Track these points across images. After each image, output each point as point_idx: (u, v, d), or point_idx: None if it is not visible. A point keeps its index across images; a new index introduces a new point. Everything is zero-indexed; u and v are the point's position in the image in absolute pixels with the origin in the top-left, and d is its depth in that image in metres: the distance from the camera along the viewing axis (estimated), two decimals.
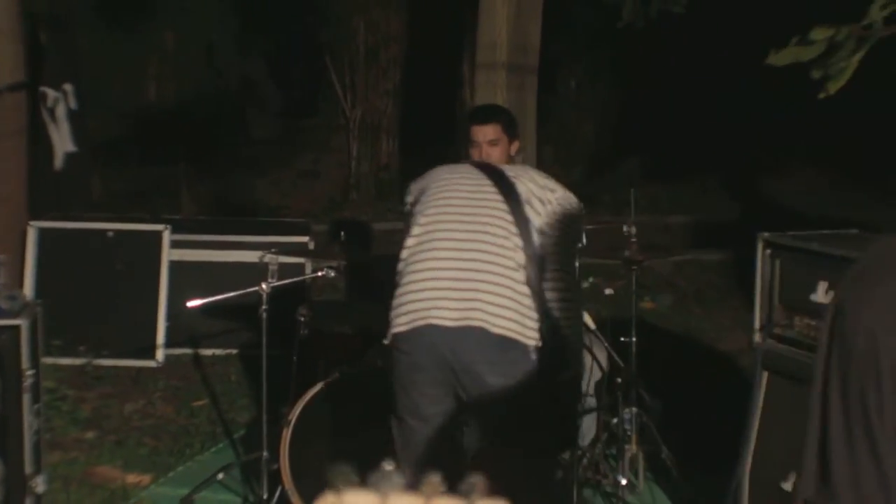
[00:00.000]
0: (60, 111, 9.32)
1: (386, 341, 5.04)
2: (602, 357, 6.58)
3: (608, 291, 7.01)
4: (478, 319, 4.74)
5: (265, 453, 6.09)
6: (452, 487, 1.46)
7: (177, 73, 15.39)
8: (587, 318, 6.51)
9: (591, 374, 6.54)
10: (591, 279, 6.44)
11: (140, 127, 14.32)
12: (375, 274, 7.56)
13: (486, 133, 6.70)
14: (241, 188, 14.63)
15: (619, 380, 6.41)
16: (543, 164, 11.43)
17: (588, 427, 6.55)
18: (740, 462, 5.40)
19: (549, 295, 4.92)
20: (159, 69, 15.33)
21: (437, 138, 13.42)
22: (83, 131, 9.68)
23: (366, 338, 6.32)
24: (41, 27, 9.79)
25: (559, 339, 4.94)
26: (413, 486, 1.48)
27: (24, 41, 9.24)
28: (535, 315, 4.82)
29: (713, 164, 14.88)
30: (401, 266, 4.97)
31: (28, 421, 5.74)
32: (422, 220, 4.97)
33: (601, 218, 6.65)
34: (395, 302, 4.95)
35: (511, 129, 6.77)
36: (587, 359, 6.46)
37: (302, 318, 6.48)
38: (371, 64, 15.24)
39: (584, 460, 6.29)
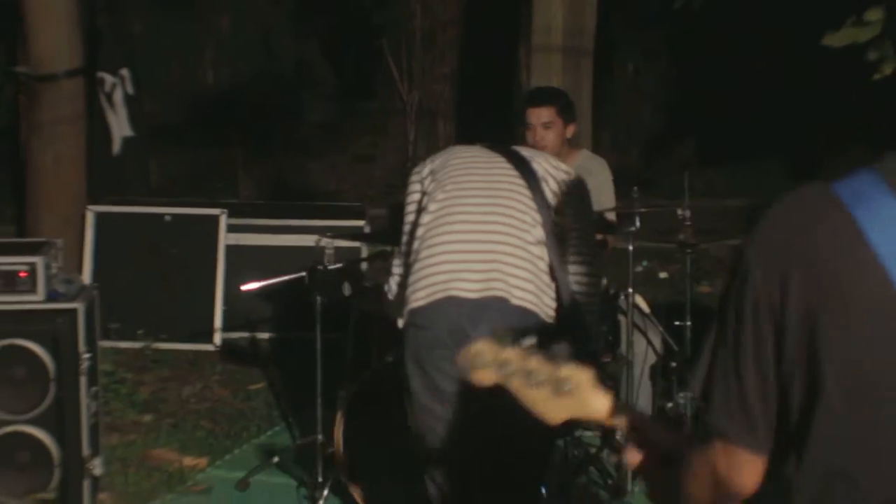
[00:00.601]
0: (118, 96, 9.39)
1: (401, 323, 4.88)
2: (656, 341, 6.55)
3: (663, 275, 6.98)
4: (499, 290, 4.61)
5: (320, 437, 6.12)
6: (472, 474, 2.12)
7: (233, 56, 15.43)
8: (641, 302, 6.48)
9: (646, 359, 6.52)
10: (645, 263, 6.41)
11: (197, 111, 14.36)
12: None
13: (540, 115, 6.72)
14: (297, 172, 14.67)
15: (674, 364, 6.38)
16: (600, 148, 11.40)
17: (642, 411, 6.53)
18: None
19: (570, 276, 4.80)
20: (216, 53, 15.38)
21: (494, 122, 13.39)
22: (140, 116, 9.74)
23: None
24: (98, 13, 9.85)
25: (579, 319, 4.78)
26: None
27: (81, 27, 9.31)
28: (552, 292, 4.70)
29: (771, 147, 14.77)
30: (416, 244, 4.80)
31: (85, 404, 5.80)
32: (439, 195, 4.82)
33: (657, 201, 6.61)
34: (412, 278, 4.79)
35: (566, 112, 6.78)
36: (641, 343, 6.44)
37: (356, 302, 6.50)
38: (428, 47, 15.22)
39: None
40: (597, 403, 2.42)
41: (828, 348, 2.16)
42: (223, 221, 8.79)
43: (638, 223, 6.16)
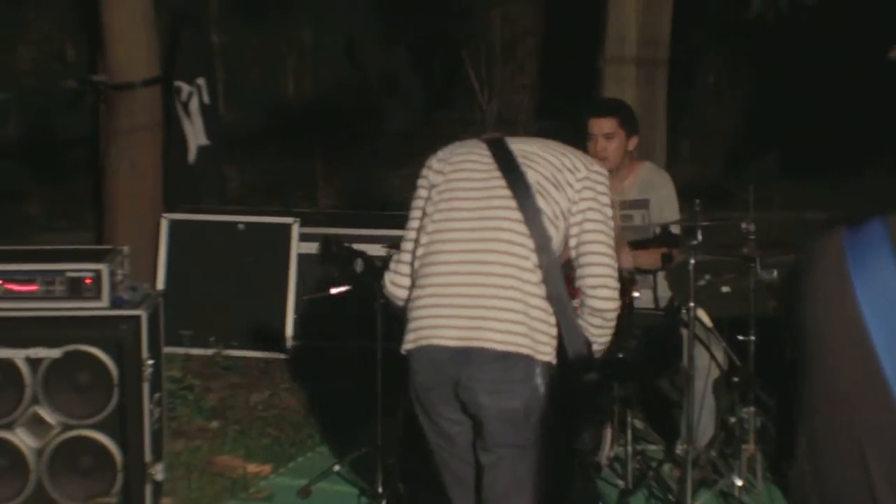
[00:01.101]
0: (194, 105, 9.48)
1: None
2: (720, 356, 6.51)
3: (725, 289, 6.91)
4: (480, 339, 4.43)
5: (380, 446, 6.15)
6: None
7: (315, 66, 15.52)
8: (703, 316, 6.44)
9: (710, 373, 6.48)
10: (707, 276, 6.35)
11: (278, 121, 14.47)
12: None
13: (601, 126, 6.74)
14: (376, 181, 14.70)
15: (737, 379, 6.34)
16: (680, 159, 11.37)
17: (706, 426, 6.49)
18: None
19: (586, 292, 4.64)
20: (298, 63, 15.47)
21: (573, 132, 13.38)
22: (216, 125, 9.84)
23: None
24: (178, 22, 9.96)
25: (583, 343, 4.61)
26: None
27: (159, 36, 9.43)
28: (549, 328, 4.50)
29: (855, 159, 14.60)
30: (416, 264, 4.66)
31: (148, 409, 5.88)
32: (430, 225, 4.62)
33: (736, 214, 6.57)
34: (408, 310, 4.68)
35: (629, 124, 6.77)
36: (704, 357, 6.40)
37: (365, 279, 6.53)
38: (508, 58, 15.23)
39: (701, 460, 6.24)
40: None
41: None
42: (295, 230, 8.85)
43: (700, 236, 6.12)
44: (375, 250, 8.45)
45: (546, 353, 4.48)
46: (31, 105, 13.68)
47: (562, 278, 4.55)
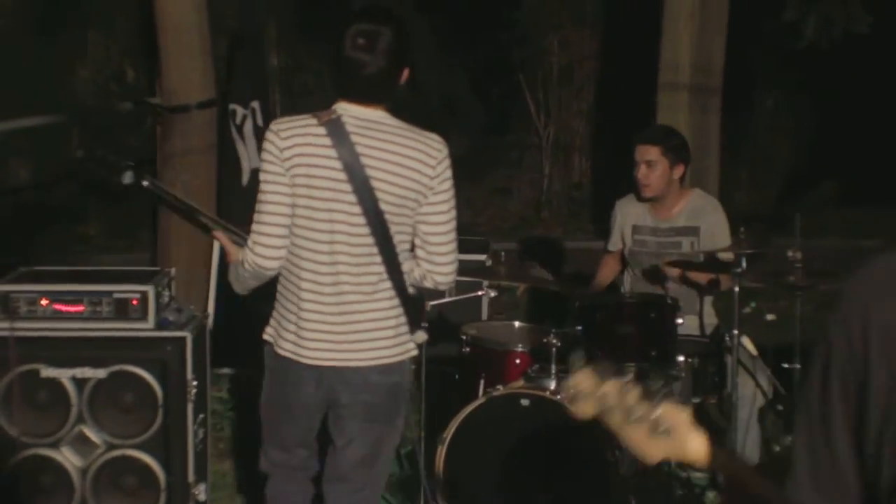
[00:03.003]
0: (248, 128, 9.50)
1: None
2: (765, 383, 6.49)
3: (770, 317, 6.91)
4: (351, 359, 4.80)
5: (422, 469, 6.16)
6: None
7: None
8: (748, 344, 6.43)
9: (755, 401, 6.45)
10: (752, 304, 6.36)
11: None
12: (559, 295, 7.57)
13: (645, 153, 6.81)
14: None
15: (781, 407, 6.32)
16: (738, 186, 11.33)
17: (751, 454, 6.46)
18: None
19: (432, 259, 4.78)
20: None
21: (630, 158, 13.35)
22: None
23: (527, 356, 6.35)
24: (234, 45, 10.02)
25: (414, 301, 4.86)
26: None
27: (216, 59, 9.49)
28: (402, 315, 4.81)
29: None
30: (285, 263, 4.85)
31: (192, 430, 5.91)
32: (298, 220, 4.71)
33: (790, 242, 6.54)
34: (276, 302, 5.01)
35: (675, 153, 6.79)
36: (749, 385, 6.38)
37: (464, 337, 6.54)
38: (565, 82, 15.24)
39: None
40: (694, 446, 2.44)
41: None
42: None
43: (745, 264, 6.11)
44: None
45: (409, 348, 4.98)
46: (91, 126, 13.80)
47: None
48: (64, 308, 5.89)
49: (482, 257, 8.78)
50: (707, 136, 9.27)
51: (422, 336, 4.90)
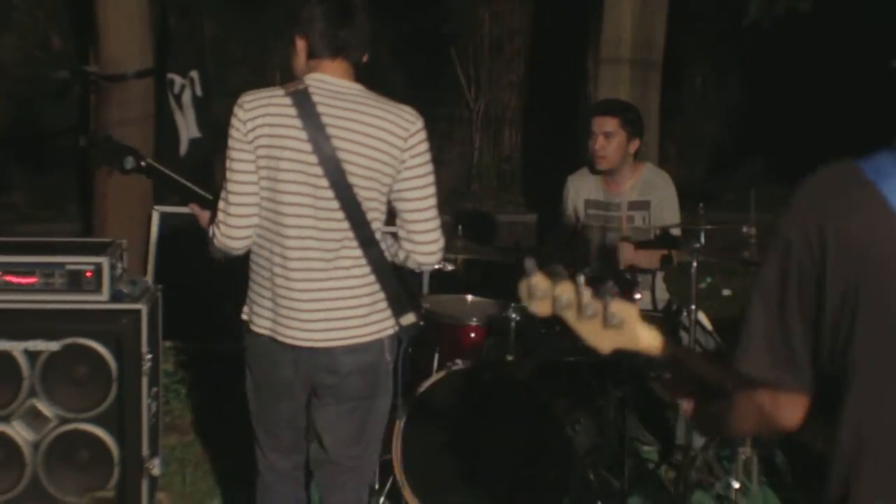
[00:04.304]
0: (186, 98, 9.40)
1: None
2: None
3: (726, 292, 6.96)
4: (328, 339, 4.62)
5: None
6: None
7: None
8: (703, 319, 6.45)
9: None
10: (709, 279, 6.39)
11: None
12: (495, 267, 7.54)
13: (603, 124, 6.80)
14: None
15: None
16: (666, 161, 11.38)
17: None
18: None
19: (411, 237, 4.58)
20: (284, 57, 15.44)
21: (559, 131, 13.38)
22: (208, 118, 9.78)
23: (482, 330, 6.33)
24: (170, 13, 9.89)
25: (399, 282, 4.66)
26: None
27: (153, 28, 9.37)
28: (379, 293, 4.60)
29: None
30: (256, 240, 4.63)
31: (146, 404, 5.85)
32: (266, 192, 4.51)
33: (721, 216, 6.59)
34: (250, 281, 4.80)
35: (632, 126, 6.80)
36: None
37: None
38: (496, 56, 15.23)
39: (697, 462, 6.24)
40: (644, 336, 2.69)
41: (863, 313, 2.46)
42: None
43: (703, 239, 6.13)
44: None
45: (390, 324, 4.72)
46: (15, 95, 13.60)
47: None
48: (15, 279, 5.79)
49: None
50: (647, 111, 9.27)
51: (409, 318, 4.67)
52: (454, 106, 15.44)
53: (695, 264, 6.11)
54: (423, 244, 4.58)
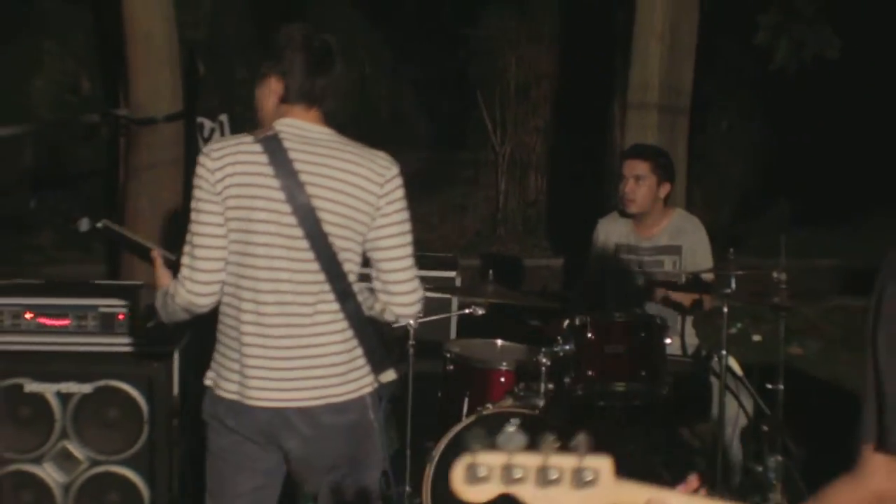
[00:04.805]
0: None
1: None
2: (748, 404, 6.50)
3: (756, 338, 6.95)
4: (301, 399, 4.27)
5: (408, 488, 6.12)
6: (564, 445, 2.01)
7: None
8: (734, 364, 6.44)
9: (737, 422, 6.46)
10: (739, 325, 6.38)
11: None
12: (523, 311, 7.55)
13: (634, 168, 6.82)
14: None
15: (765, 427, 6.32)
16: (692, 205, 11.37)
17: (731, 475, 6.48)
18: None
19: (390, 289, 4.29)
20: None
21: (585, 176, 13.42)
22: None
23: (512, 375, 6.33)
24: (199, 57, 9.97)
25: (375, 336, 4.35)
26: (532, 445, 2.01)
27: (182, 71, 9.43)
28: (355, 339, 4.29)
29: (864, 208, 14.63)
30: (224, 296, 4.33)
31: (176, 447, 5.86)
32: (234, 246, 4.23)
33: (747, 261, 6.60)
34: (217, 342, 4.44)
35: (663, 170, 6.82)
36: (733, 405, 6.39)
37: (448, 354, 6.51)
38: (522, 100, 15.27)
39: None
40: (623, 490, 2.11)
41: None
42: None
43: (734, 284, 6.14)
44: None
45: (367, 372, 4.38)
46: (45, 137, 13.68)
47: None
48: (49, 322, 5.83)
49: (451, 274, 8.76)
50: (675, 156, 9.24)
51: (390, 375, 4.38)
52: (480, 150, 15.49)
53: (725, 309, 6.11)
54: (401, 295, 4.30)
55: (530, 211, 15.24)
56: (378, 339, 4.35)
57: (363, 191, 4.19)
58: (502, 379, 6.34)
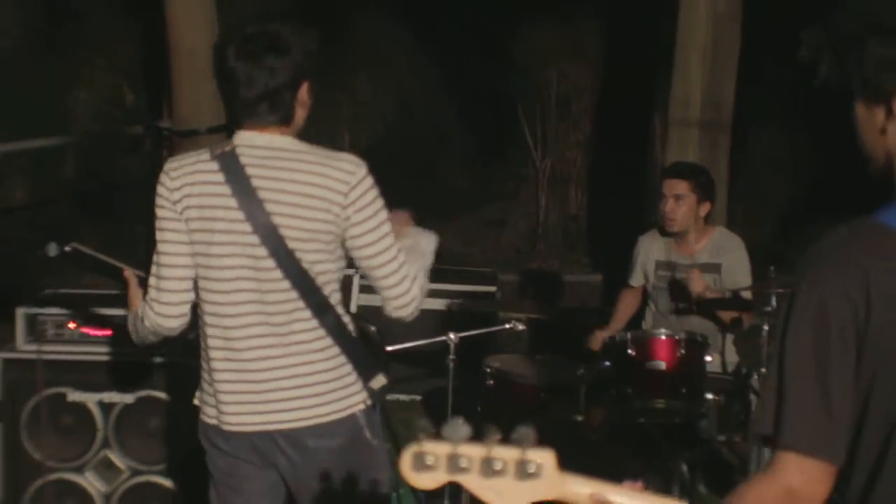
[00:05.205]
0: None
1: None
2: None
3: None
4: (278, 421, 4.09)
5: (446, 502, 6.13)
6: (507, 438, 2.11)
7: (369, 119, 15.59)
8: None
9: None
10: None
11: None
12: (562, 327, 7.56)
13: (673, 187, 6.81)
14: None
15: None
16: (733, 222, 11.35)
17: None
18: None
19: (385, 292, 4.09)
20: (353, 115, 15.54)
21: (626, 191, 13.38)
22: None
23: (551, 390, 6.34)
24: None
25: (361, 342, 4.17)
26: (478, 436, 2.12)
27: None
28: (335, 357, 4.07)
29: None
30: (199, 316, 4.18)
31: None
32: (202, 272, 4.08)
33: (790, 279, 6.56)
34: (203, 364, 4.26)
35: (703, 189, 6.82)
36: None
37: (488, 369, 6.52)
38: (562, 115, 15.27)
39: None
40: (567, 483, 2.21)
41: None
42: (356, 281, 8.82)
43: (774, 302, 6.14)
44: (435, 304, 8.49)
45: (354, 391, 4.16)
46: (89, 148, 13.78)
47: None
48: (92, 332, 5.88)
49: (492, 289, 8.79)
50: (716, 172, 9.27)
51: (380, 380, 4.15)
52: (520, 165, 15.48)
53: (766, 328, 6.11)
54: (393, 298, 4.08)
55: (571, 226, 15.21)
56: (364, 345, 4.16)
57: (325, 201, 3.94)
58: (541, 394, 6.34)
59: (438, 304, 8.41)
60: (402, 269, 4.08)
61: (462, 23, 15.25)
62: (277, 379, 4.00)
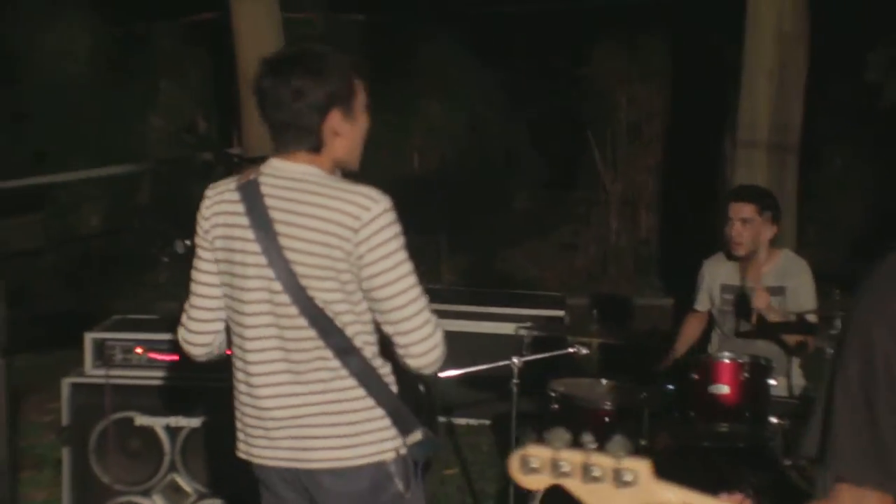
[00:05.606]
0: None
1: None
2: None
3: None
4: (299, 460, 3.94)
5: None
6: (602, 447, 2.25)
7: (440, 142, 15.64)
8: None
9: None
10: None
11: (403, 195, 14.51)
12: (632, 350, 7.54)
13: (739, 211, 6.78)
14: (498, 259, 14.75)
15: None
16: (805, 244, 11.30)
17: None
18: None
19: (398, 340, 3.81)
20: (423, 139, 15.61)
21: (697, 214, 13.35)
22: None
23: (615, 414, 6.32)
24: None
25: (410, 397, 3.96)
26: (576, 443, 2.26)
27: None
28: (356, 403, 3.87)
29: None
30: (233, 345, 4.07)
31: None
32: (230, 302, 3.99)
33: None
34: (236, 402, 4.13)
35: (769, 212, 6.79)
36: None
37: (552, 393, 6.52)
38: (633, 138, 15.27)
39: None
40: (663, 492, 2.30)
41: None
42: None
43: (839, 326, 6.09)
44: (503, 328, 8.50)
45: (375, 449, 3.95)
46: (161, 175, 13.93)
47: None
48: (159, 356, 5.95)
49: (560, 313, 8.78)
50: (784, 194, 9.26)
51: (416, 436, 3.90)
52: (591, 189, 15.49)
53: (830, 351, 6.06)
54: (412, 346, 3.79)
55: (641, 250, 15.19)
56: (401, 396, 3.90)
57: (336, 237, 3.72)
58: (606, 418, 6.33)
59: (507, 328, 8.42)
60: (422, 314, 3.79)
61: (532, 48, 15.29)
62: (294, 417, 3.85)
